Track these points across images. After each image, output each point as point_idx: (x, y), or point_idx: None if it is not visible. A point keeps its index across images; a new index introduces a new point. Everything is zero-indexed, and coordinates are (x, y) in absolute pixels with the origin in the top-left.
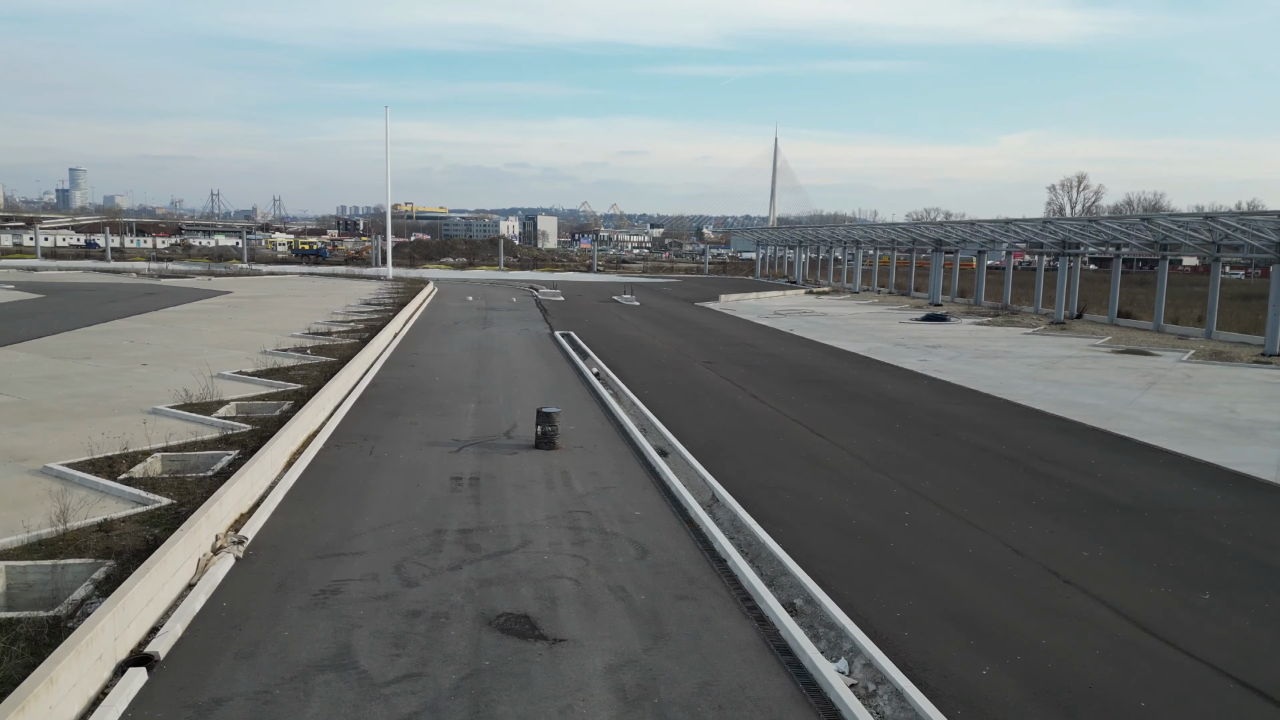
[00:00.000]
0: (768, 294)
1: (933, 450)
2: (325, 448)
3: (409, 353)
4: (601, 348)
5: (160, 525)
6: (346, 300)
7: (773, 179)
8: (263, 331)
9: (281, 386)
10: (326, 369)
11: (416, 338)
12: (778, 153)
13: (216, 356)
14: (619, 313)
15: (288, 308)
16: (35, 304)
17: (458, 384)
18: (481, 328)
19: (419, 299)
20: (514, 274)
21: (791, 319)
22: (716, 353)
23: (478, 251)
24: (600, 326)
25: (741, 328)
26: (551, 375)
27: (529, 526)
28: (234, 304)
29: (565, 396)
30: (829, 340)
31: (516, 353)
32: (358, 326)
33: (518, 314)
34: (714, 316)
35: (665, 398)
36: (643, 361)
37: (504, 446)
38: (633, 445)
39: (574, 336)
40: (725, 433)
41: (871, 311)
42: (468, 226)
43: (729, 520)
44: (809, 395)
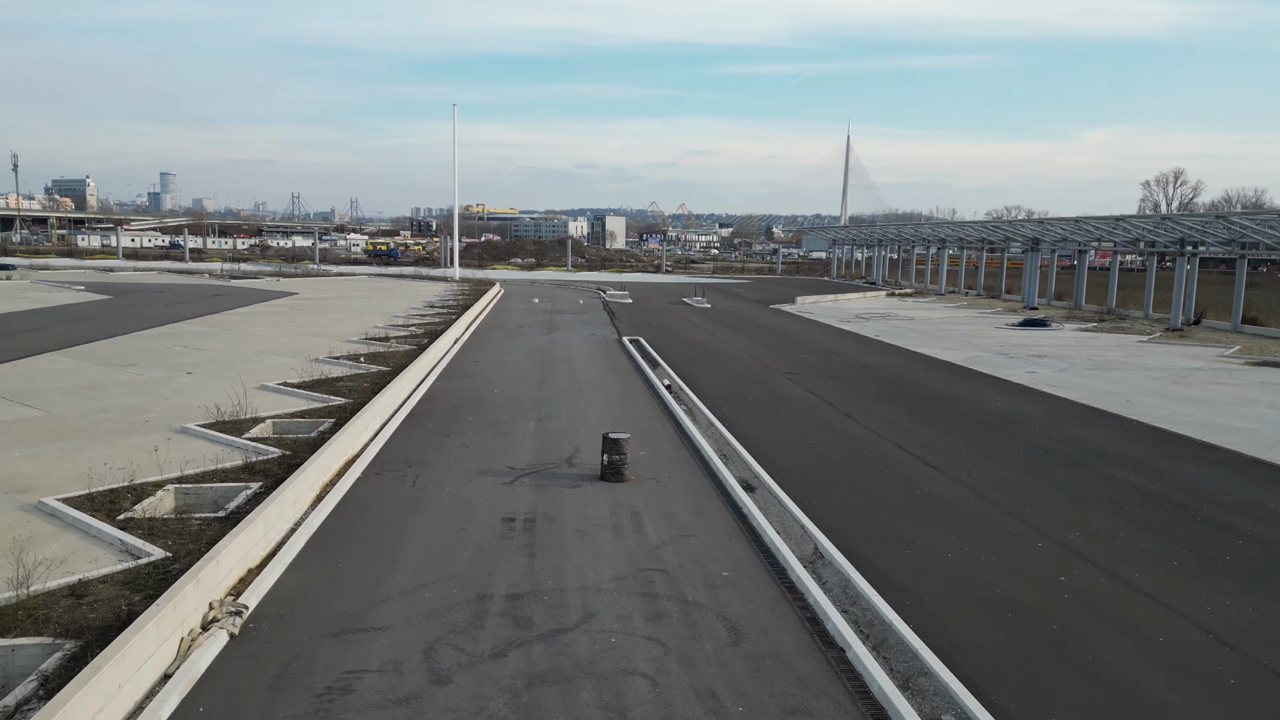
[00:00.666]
0: (846, 296)
1: (1070, 488)
2: (363, 477)
3: (468, 360)
4: (673, 355)
5: (145, 589)
6: (410, 303)
7: (844, 177)
8: (319, 336)
9: (325, 401)
10: (377, 380)
11: (477, 344)
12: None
13: (265, 365)
14: (690, 316)
15: (349, 310)
16: (100, 306)
17: (517, 398)
18: (546, 333)
19: (484, 301)
20: (581, 275)
21: (875, 323)
22: (798, 362)
23: (546, 252)
24: (670, 331)
25: (822, 333)
26: (619, 388)
27: (592, 591)
28: (296, 306)
29: (634, 414)
30: (920, 348)
31: (582, 361)
32: (416, 332)
33: (584, 317)
34: (791, 320)
35: (746, 416)
36: (718, 372)
37: (565, 477)
38: (713, 477)
39: (643, 343)
40: (819, 461)
41: (961, 315)
42: (537, 227)
43: (839, 585)
44: (909, 414)
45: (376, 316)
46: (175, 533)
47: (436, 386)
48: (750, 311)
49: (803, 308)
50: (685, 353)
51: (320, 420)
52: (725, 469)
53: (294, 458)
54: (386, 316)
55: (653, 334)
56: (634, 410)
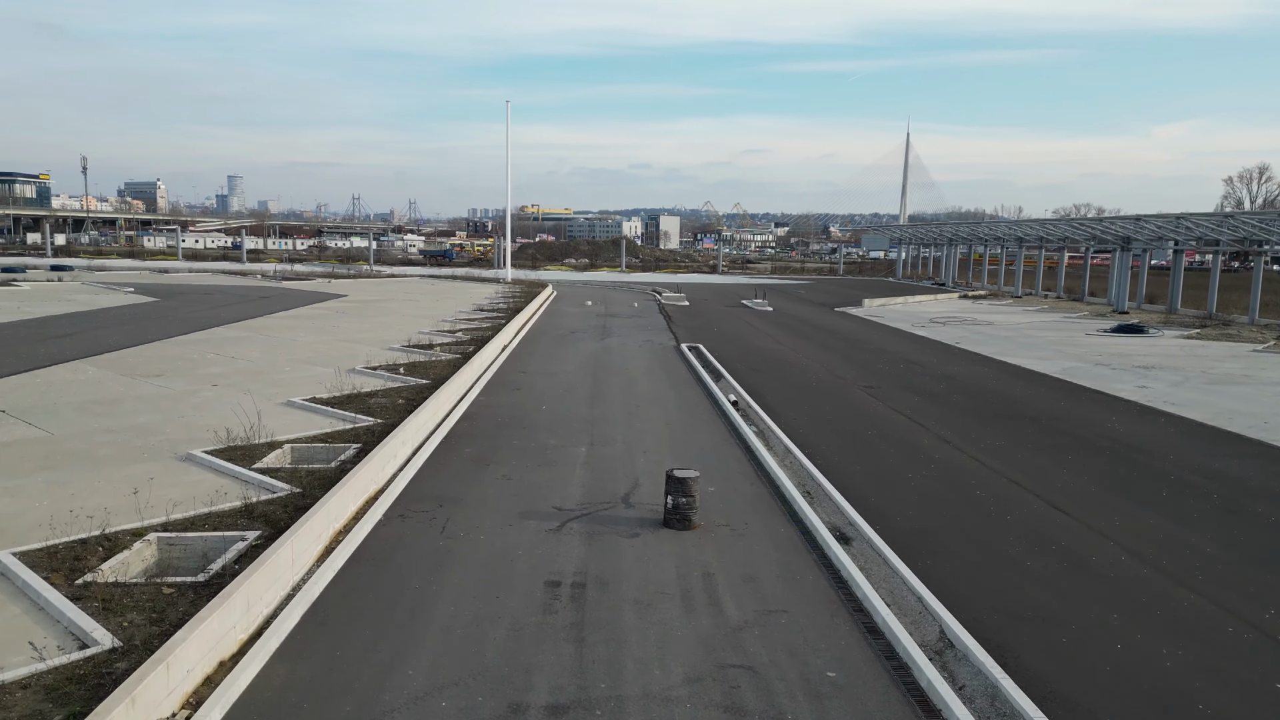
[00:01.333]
0: (916, 298)
1: (1240, 543)
2: (384, 520)
3: (516, 371)
4: (736, 365)
5: (71, 702)
6: (459, 306)
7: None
8: (359, 343)
9: (353, 421)
10: (414, 396)
11: (527, 351)
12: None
13: (297, 376)
14: (751, 320)
15: (396, 314)
16: (143, 309)
17: (567, 416)
18: (599, 338)
19: (535, 304)
20: (636, 276)
21: (952, 328)
22: (876, 372)
23: (600, 252)
24: (732, 337)
25: (896, 339)
26: (680, 404)
27: (659, 701)
28: (343, 309)
29: (699, 437)
30: (1008, 356)
31: (638, 371)
32: (462, 338)
33: (639, 321)
34: (860, 325)
35: (827, 440)
36: (789, 385)
37: (622, 522)
38: (798, 523)
39: (703, 350)
40: (922, 501)
41: (1045, 320)
42: (591, 227)
43: (984, 693)
44: (1014, 439)
45: (423, 321)
46: (139, 605)
47: (479, 402)
48: (815, 315)
49: (871, 311)
50: (749, 362)
51: (344, 446)
52: (812, 512)
53: (304, 497)
54: (433, 321)
55: (713, 340)
56: (698, 432)
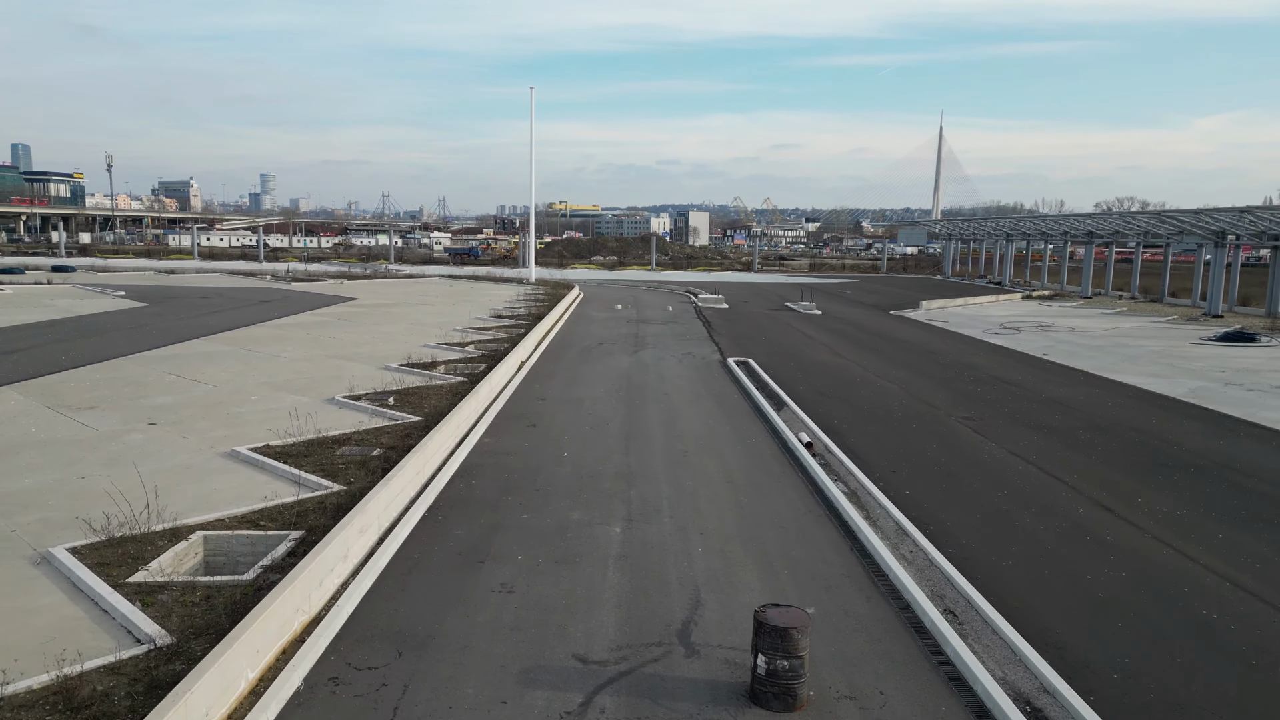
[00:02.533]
0: (977, 299)
1: None
2: (296, 701)
3: (533, 398)
4: (797, 386)
5: None
6: (476, 311)
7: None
8: (352, 360)
9: (307, 488)
10: (399, 440)
11: (547, 369)
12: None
13: (261, 408)
14: (800, 326)
15: (404, 322)
16: (123, 317)
17: (596, 470)
18: (632, 351)
19: (560, 309)
20: (666, 274)
21: (1032, 336)
22: (968, 396)
23: (628, 249)
24: (784, 348)
25: (973, 350)
26: (740, 448)
27: None
28: (346, 316)
29: (773, 503)
30: (1114, 374)
31: (682, 398)
32: (473, 354)
33: (676, 328)
34: (924, 332)
35: (949, 510)
36: (868, 415)
37: (683, 692)
38: (956, 680)
39: (754, 367)
40: (1134, 634)
41: (1132, 326)
42: (619, 224)
43: None
44: (1193, 503)
45: (431, 331)
46: None
47: (482, 447)
48: (870, 320)
49: (930, 314)
50: (812, 381)
51: (280, 535)
52: (970, 655)
53: (175, 656)
54: (443, 330)
55: (763, 352)
56: (771, 496)
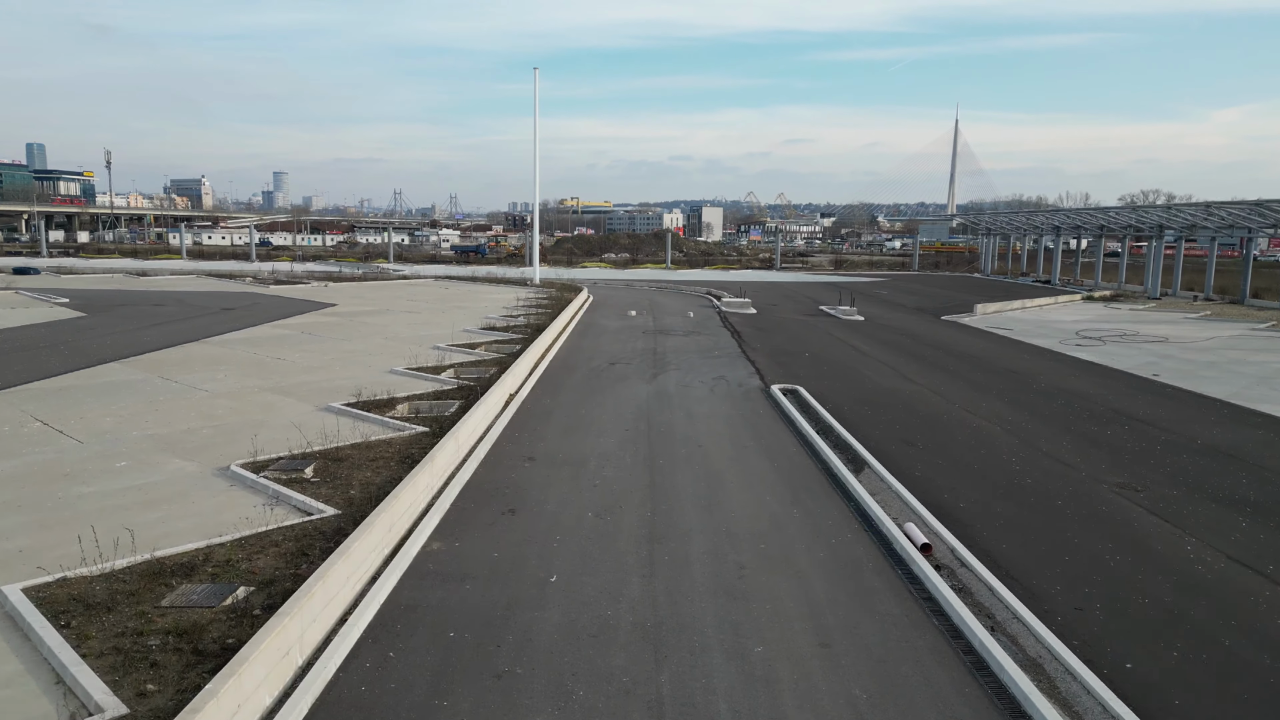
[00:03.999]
0: (1035, 302)
1: None
2: None
3: (516, 459)
4: (869, 429)
5: None
6: (467, 321)
7: (952, 164)
8: (291, 395)
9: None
10: (286, 565)
11: (542, 408)
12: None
13: (109, 489)
14: (845, 336)
15: (378, 336)
16: (42, 331)
17: (600, 626)
18: (650, 375)
19: (565, 317)
20: (682, 273)
21: (1122, 349)
22: (1096, 442)
23: (641, 246)
24: (836, 368)
25: (1066, 370)
26: (828, 562)
27: None
28: (312, 329)
29: (906, 686)
30: (1261, 404)
31: (721, 453)
32: (447, 386)
33: (701, 341)
34: (993, 343)
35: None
36: (986, 482)
37: None
38: None
39: (806, 398)
40: None
41: (1233, 335)
42: (631, 220)
43: None
44: None
45: (406, 348)
46: None
47: (425, 565)
48: (923, 327)
49: (988, 319)
50: (886, 420)
51: None
52: None
53: None
54: (420, 348)
55: (811, 373)
56: (900, 673)
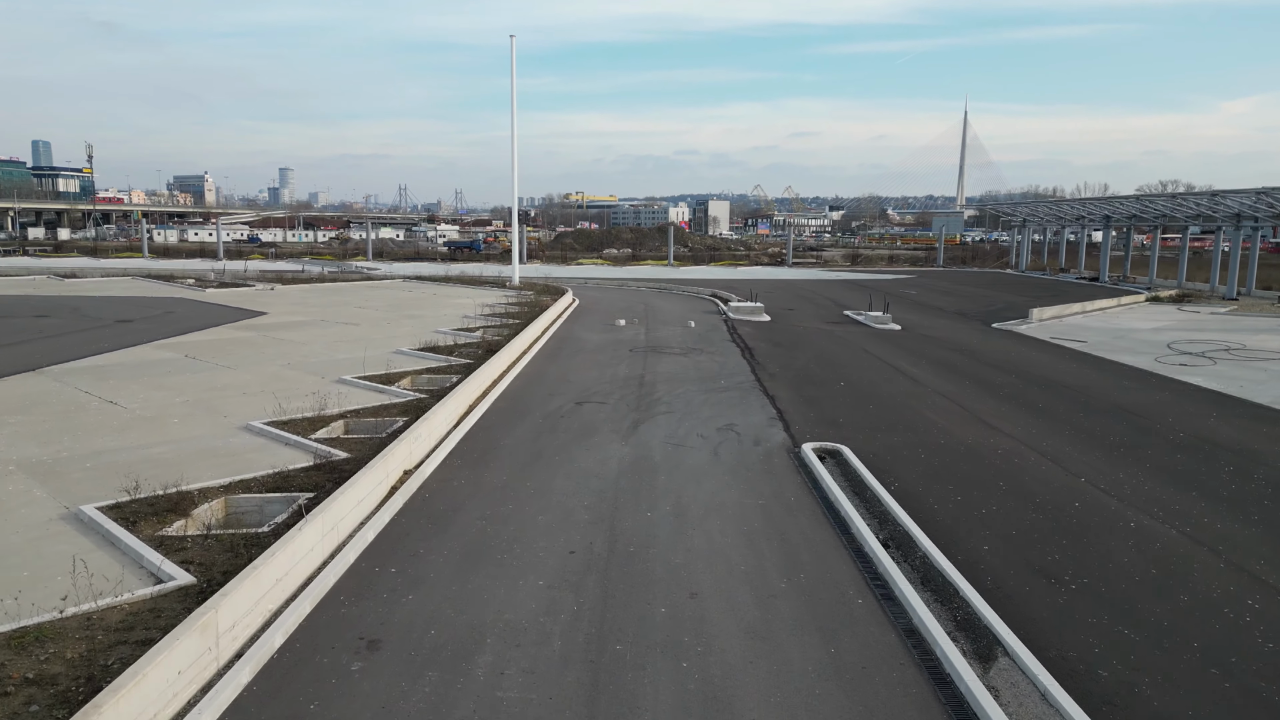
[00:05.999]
0: (1095, 304)
1: None
2: None
3: (345, 641)
4: (964, 534)
5: None
6: (409, 337)
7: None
8: (58, 478)
9: None
10: None
11: (449, 497)
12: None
13: None
14: (887, 354)
15: (281, 362)
16: None
17: None
18: (629, 426)
19: (535, 329)
20: (686, 270)
21: (1240, 370)
22: None
23: (644, 241)
24: (883, 404)
25: (1201, 406)
26: None
27: None
28: (203, 352)
29: None
30: None
31: (726, 607)
32: (298, 467)
33: (703, 363)
34: (1076, 364)
35: None
36: (1223, 673)
37: None
38: None
39: (853, 464)
40: None
41: None
42: (636, 214)
43: None
44: None
45: (299, 384)
46: None
47: None
48: (978, 340)
49: (1049, 328)
50: (995, 523)
51: None
52: None
53: None
54: (323, 382)
55: (854, 417)
56: None
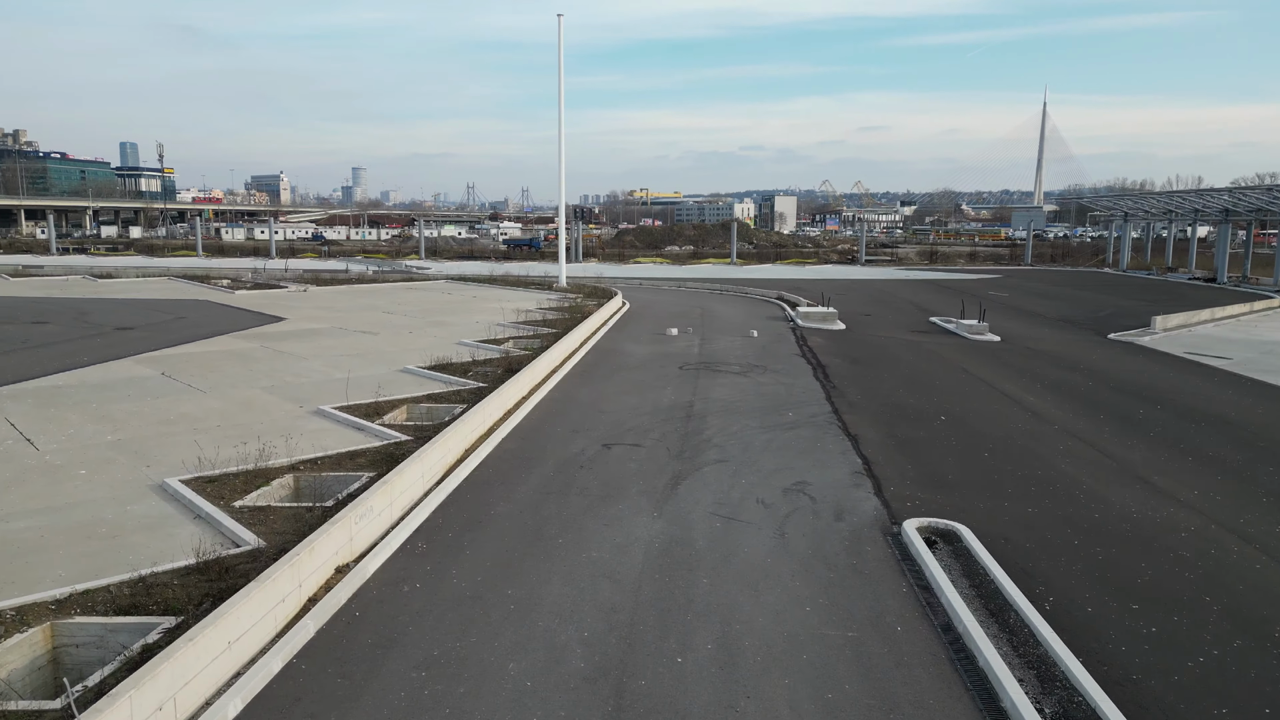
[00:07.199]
0: (1227, 311)
1: None
2: None
3: None
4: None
5: None
6: (427, 349)
7: (1039, 149)
8: None
9: None
10: None
11: (414, 600)
12: (1046, 119)
13: None
14: (993, 377)
15: (271, 380)
16: None
17: None
18: (665, 484)
19: (574, 339)
20: (750, 269)
21: None
22: None
23: (707, 238)
24: (1001, 450)
25: None
26: None
27: None
28: (188, 367)
29: None
30: None
31: None
32: (248, 532)
33: (765, 387)
34: (1232, 390)
35: None
36: None
37: None
38: None
39: (977, 552)
40: None
41: None
42: (700, 210)
43: None
44: None
45: (272, 414)
46: None
47: None
48: (1098, 357)
49: (1178, 339)
50: (1208, 669)
51: None
52: None
53: None
54: (300, 413)
55: (970, 473)
56: None
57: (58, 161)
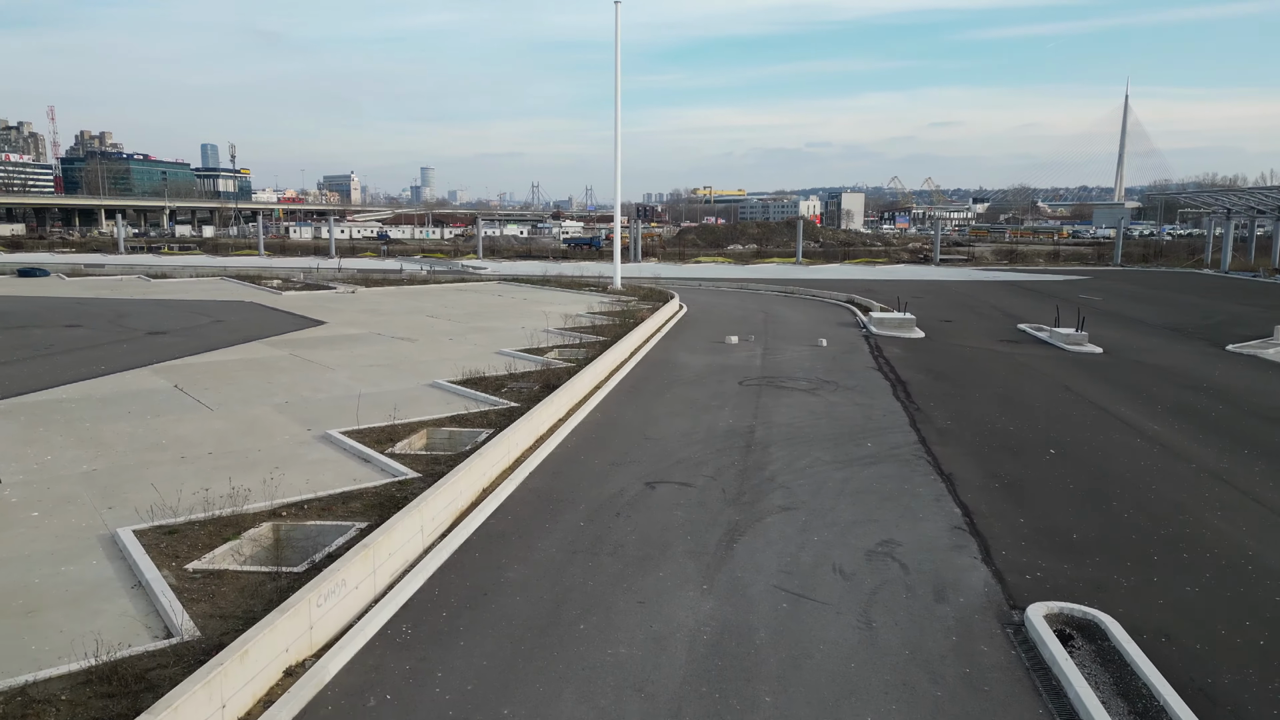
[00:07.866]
0: None
1: None
2: None
3: None
4: None
5: None
6: (466, 362)
7: (1120, 144)
8: None
9: None
10: None
11: None
12: (1128, 113)
13: None
14: (1104, 399)
15: (286, 397)
16: None
17: None
18: (719, 546)
19: (624, 348)
20: (816, 269)
21: None
22: None
23: (771, 236)
24: (1130, 496)
25: None
26: None
27: None
28: (197, 381)
29: None
30: None
31: None
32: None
33: (838, 408)
34: None
35: None
36: None
37: None
38: None
39: (1133, 658)
40: None
41: None
42: (765, 208)
43: None
44: None
45: (276, 439)
46: None
47: None
48: (1224, 374)
49: None
50: None
51: None
52: None
53: None
54: (305, 439)
55: (1100, 536)
56: None
57: (140, 163)
